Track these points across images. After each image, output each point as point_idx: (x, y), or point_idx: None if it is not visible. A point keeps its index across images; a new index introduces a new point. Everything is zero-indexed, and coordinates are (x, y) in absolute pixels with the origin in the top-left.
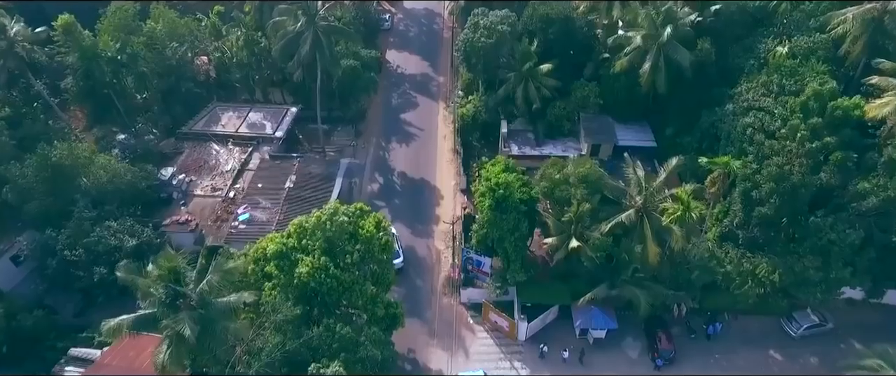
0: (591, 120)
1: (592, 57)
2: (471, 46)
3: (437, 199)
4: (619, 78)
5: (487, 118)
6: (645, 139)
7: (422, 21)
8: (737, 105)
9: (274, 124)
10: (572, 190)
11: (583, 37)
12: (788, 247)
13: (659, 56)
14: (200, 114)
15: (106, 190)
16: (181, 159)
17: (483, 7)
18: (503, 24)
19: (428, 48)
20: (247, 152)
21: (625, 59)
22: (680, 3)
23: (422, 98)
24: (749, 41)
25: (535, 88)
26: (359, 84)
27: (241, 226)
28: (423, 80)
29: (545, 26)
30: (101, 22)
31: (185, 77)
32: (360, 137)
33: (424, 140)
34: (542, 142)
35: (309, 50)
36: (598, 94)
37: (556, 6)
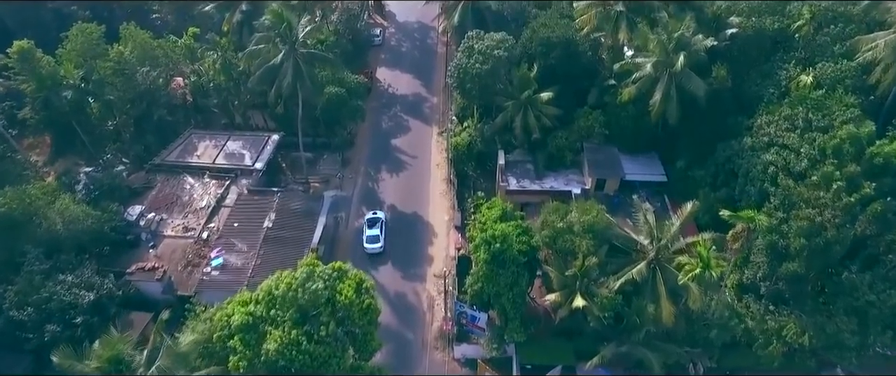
0: (595, 151)
1: (597, 83)
2: (465, 72)
3: (429, 237)
4: (627, 107)
5: (483, 148)
6: (654, 172)
7: (415, 36)
8: (756, 139)
9: (254, 154)
10: (577, 240)
11: (586, 61)
12: (818, 302)
13: (671, 85)
14: (175, 143)
15: (62, 238)
16: (152, 195)
17: (478, 29)
18: (500, 49)
19: (421, 65)
20: (223, 186)
21: (633, 87)
22: (692, 26)
23: (414, 121)
24: (768, 67)
25: (534, 117)
26: (344, 112)
27: (214, 272)
28: (415, 100)
29: (546, 50)
30: (64, 47)
31: (157, 103)
32: (347, 166)
33: (416, 168)
34: (543, 174)
35: (290, 81)
36: (603, 123)
37: (557, 28)
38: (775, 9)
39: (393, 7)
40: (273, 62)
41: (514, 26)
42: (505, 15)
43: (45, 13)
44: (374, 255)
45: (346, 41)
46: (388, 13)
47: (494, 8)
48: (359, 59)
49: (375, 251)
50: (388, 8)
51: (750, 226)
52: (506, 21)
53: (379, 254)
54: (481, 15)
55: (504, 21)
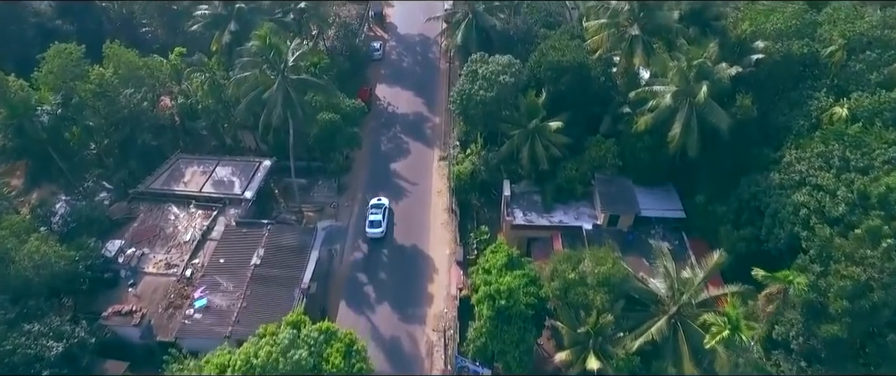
0: (608, 183)
1: (610, 109)
2: (468, 98)
3: (429, 273)
4: (642, 137)
5: (488, 177)
6: (671, 207)
7: (416, 49)
8: (786, 176)
9: (244, 181)
10: (591, 293)
11: (599, 87)
12: (858, 364)
13: (691, 116)
14: (161, 169)
15: (32, 282)
16: (133, 227)
17: (482, 52)
18: (506, 74)
19: (422, 81)
20: (210, 217)
21: (649, 117)
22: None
23: (414, 143)
24: (796, 95)
25: (543, 147)
26: (339, 140)
27: (197, 314)
28: (416, 120)
29: (555, 75)
30: (40, 69)
31: (141, 127)
32: (344, 193)
33: (417, 196)
34: (552, 207)
35: (280, 111)
36: (617, 153)
37: (567, 51)
38: (804, 32)
39: (395, 18)
40: (261, 90)
41: (520, 47)
42: (511, 34)
43: (27, 29)
44: (376, 239)
45: (343, 59)
46: (389, 25)
47: (499, 27)
48: (357, 76)
49: (376, 235)
50: (390, 19)
51: (786, 287)
52: (512, 41)
53: (380, 239)
54: (486, 34)
55: (510, 41)
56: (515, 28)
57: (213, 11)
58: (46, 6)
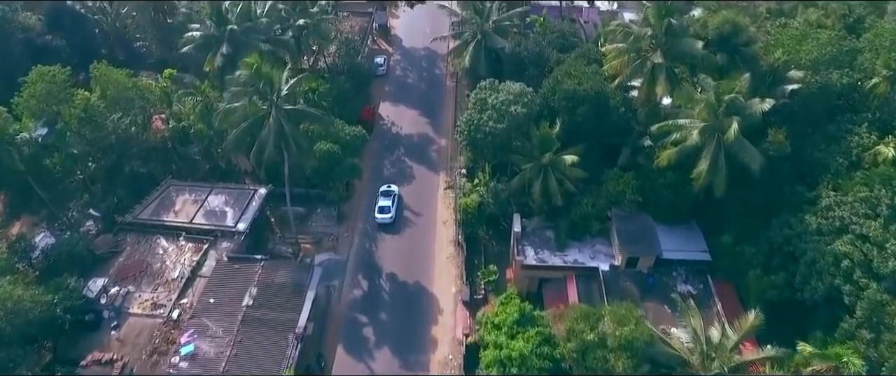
0: (626, 220)
1: (629, 141)
2: (476, 129)
3: (433, 313)
4: (664, 173)
5: (496, 210)
6: (695, 248)
7: (422, 64)
8: (824, 221)
9: (237, 211)
10: (611, 358)
11: (618, 117)
12: None
13: (719, 153)
14: (151, 196)
15: (3, 331)
16: (119, 262)
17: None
18: (518, 104)
19: (428, 100)
20: (201, 250)
21: (672, 152)
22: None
23: (419, 167)
24: (833, 129)
25: (556, 181)
26: (338, 172)
27: (183, 363)
28: (421, 141)
29: (571, 106)
30: (21, 94)
31: (130, 153)
32: (344, 223)
33: (421, 226)
34: (566, 244)
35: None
36: (636, 188)
37: (584, 78)
38: (842, 61)
39: (400, 30)
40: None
41: (532, 70)
42: (522, 57)
43: (14, 45)
44: (385, 225)
45: (343, 79)
46: (393, 37)
47: (508, 50)
48: (360, 95)
49: (386, 221)
50: (395, 31)
51: (837, 365)
52: (523, 64)
53: (389, 224)
54: (495, 56)
55: (521, 64)
56: (526, 50)
57: (204, 32)
58: (35, 20)
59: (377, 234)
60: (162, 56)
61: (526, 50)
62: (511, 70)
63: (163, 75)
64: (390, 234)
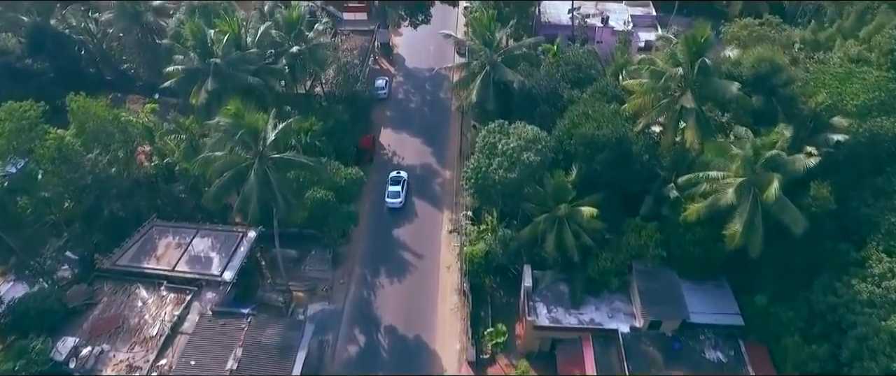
0: (649, 276)
1: (653, 187)
2: (484, 177)
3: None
4: (692, 228)
5: (505, 260)
6: (726, 310)
7: (426, 87)
8: (877, 290)
9: (223, 257)
10: None
11: (641, 166)
12: None
13: (755, 212)
14: (133, 238)
15: None
16: (94, 315)
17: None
18: (530, 151)
19: (432, 126)
20: (184, 302)
21: (702, 206)
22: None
23: (421, 203)
24: (882, 182)
25: (572, 234)
26: (333, 220)
27: None
28: (424, 174)
29: (590, 152)
30: None
31: (108, 194)
32: (339, 267)
33: (423, 271)
34: (581, 300)
35: (256, 200)
36: (660, 242)
37: (603, 121)
38: (890, 107)
39: (403, 48)
40: (234, 173)
41: (545, 107)
42: (534, 93)
43: None
44: (394, 209)
45: (341, 108)
46: (396, 57)
47: (518, 85)
48: (359, 122)
49: (395, 205)
50: (397, 50)
51: None
52: (534, 100)
53: (399, 209)
54: (506, 90)
55: (532, 100)
56: (537, 84)
57: (187, 66)
58: (15, 42)
59: (375, 281)
60: (150, 79)
61: (537, 84)
62: (521, 106)
63: (144, 108)
64: (390, 280)
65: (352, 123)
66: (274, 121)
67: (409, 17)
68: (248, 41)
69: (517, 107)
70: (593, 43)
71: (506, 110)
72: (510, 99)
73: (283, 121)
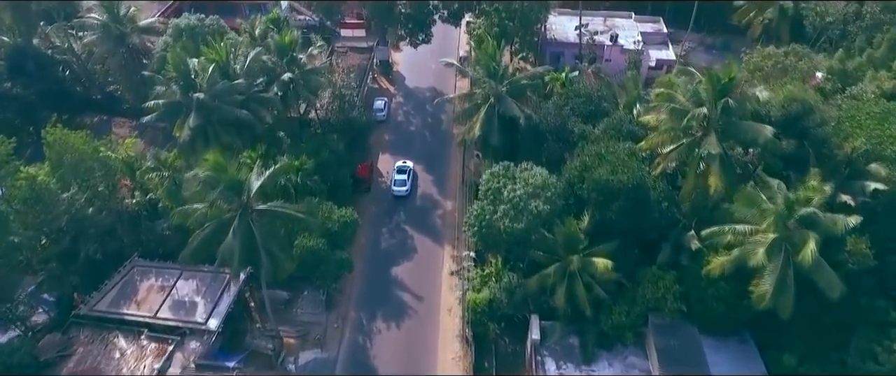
0: (666, 331)
1: (672, 234)
2: (488, 226)
3: None
4: (715, 282)
5: (510, 310)
6: (750, 369)
7: (426, 108)
8: None
9: (209, 303)
10: None
11: (660, 214)
12: None
13: (787, 271)
14: (113, 279)
15: None
16: (68, 368)
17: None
18: (539, 199)
19: (433, 152)
20: (165, 353)
21: (727, 260)
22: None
23: (421, 237)
24: None
25: (584, 286)
26: (324, 269)
27: None
28: (424, 204)
29: (604, 199)
30: None
31: (86, 235)
32: (334, 309)
33: (422, 315)
34: (593, 355)
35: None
36: (679, 294)
37: (618, 166)
38: None
39: (402, 66)
40: (215, 226)
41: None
42: (541, 128)
43: None
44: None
45: (336, 137)
46: (395, 75)
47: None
48: (356, 148)
49: (402, 193)
50: (397, 67)
51: None
52: (542, 136)
53: (405, 197)
54: (511, 123)
55: (540, 135)
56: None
57: (167, 99)
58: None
59: (372, 325)
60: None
61: (545, 119)
62: (528, 141)
63: (124, 144)
64: (387, 324)
65: (348, 151)
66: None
67: (409, 36)
68: (236, 69)
69: (523, 142)
70: (602, 62)
71: (511, 145)
72: (516, 133)
73: (274, 148)
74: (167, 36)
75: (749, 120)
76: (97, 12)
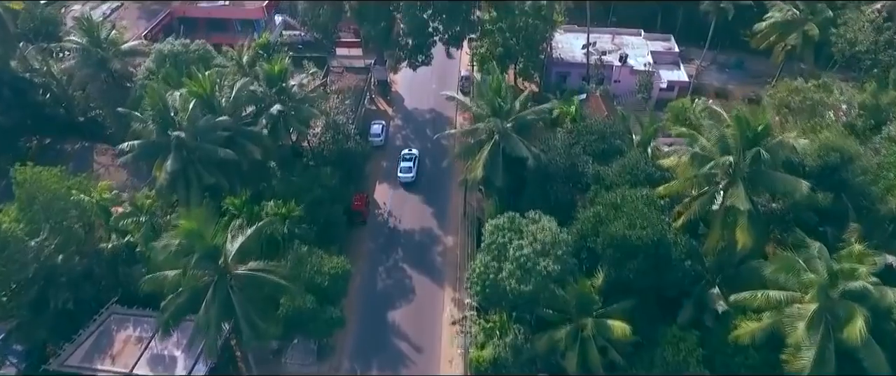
0: None
1: (695, 292)
2: (492, 286)
3: None
4: (746, 350)
5: (517, 371)
6: None
7: (426, 132)
8: None
9: (191, 357)
10: None
11: (683, 273)
12: None
13: (828, 344)
14: (88, 328)
15: None
16: None
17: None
18: (548, 257)
19: (432, 180)
20: None
21: (758, 328)
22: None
23: (420, 279)
24: None
25: (598, 349)
26: (313, 329)
27: None
28: (423, 240)
29: (621, 257)
30: None
31: (56, 284)
32: (326, 361)
33: (421, 367)
34: None
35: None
36: (702, 358)
37: (638, 219)
38: None
39: (401, 87)
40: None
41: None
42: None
43: None
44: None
45: (330, 170)
46: (394, 95)
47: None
48: (352, 179)
49: (408, 180)
50: (396, 87)
51: None
52: (551, 177)
53: (412, 183)
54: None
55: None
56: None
57: (145, 139)
58: None
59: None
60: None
61: (554, 160)
62: (536, 183)
63: (98, 189)
64: None
65: (342, 184)
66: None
67: (408, 58)
68: (221, 101)
69: (530, 183)
70: (610, 83)
71: (517, 184)
72: (522, 171)
73: (262, 185)
74: (150, 62)
75: (780, 169)
76: (77, 35)
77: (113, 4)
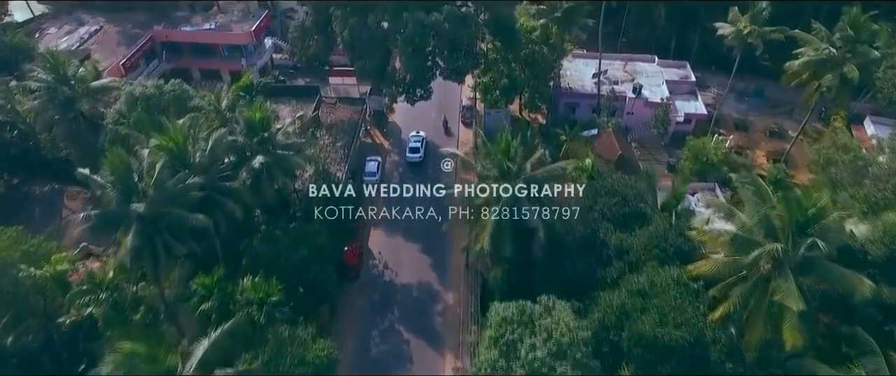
0: None
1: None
2: None
3: None
4: None
5: None
6: None
7: (427, 172)
8: None
9: None
10: None
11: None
12: None
13: None
14: None
15: None
16: None
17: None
18: (566, 363)
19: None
20: None
21: None
22: None
23: (417, 342)
24: None
25: None
26: None
27: None
28: (421, 297)
29: (652, 358)
30: None
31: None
32: None
33: None
34: None
35: None
36: None
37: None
38: None
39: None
40: None
41: (581, 261)
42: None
43: None
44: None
45: (317, 228)
46: (391, 127)
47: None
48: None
49: (415, 160)
50: (393, 118)
51: None
52: (567, 249)
53: (419, 163)
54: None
55: (564, 249)
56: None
57: (103, 209)
58: None
59: None
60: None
61: (570, 230)
62: (549, 255)
63: (53, 260)
64: None
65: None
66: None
67: (405, 93)
68: (195, 157)
69: (543, 258)
70: (623, 115)
71: (526, 260)
72: (531, 242)
73: (242, 253)
74: (121, 104)
75: (835, 258)
76: (42, 71)
77: (91, 28)
